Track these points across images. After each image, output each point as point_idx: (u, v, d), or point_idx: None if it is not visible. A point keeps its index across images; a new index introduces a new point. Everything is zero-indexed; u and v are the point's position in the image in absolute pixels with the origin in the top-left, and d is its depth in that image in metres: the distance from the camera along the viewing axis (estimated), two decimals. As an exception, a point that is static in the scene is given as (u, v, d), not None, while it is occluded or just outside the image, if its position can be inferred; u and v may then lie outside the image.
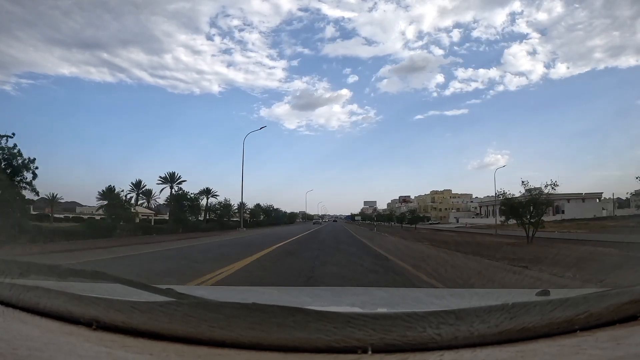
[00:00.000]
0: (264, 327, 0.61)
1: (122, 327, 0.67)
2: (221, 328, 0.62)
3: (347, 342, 0.59)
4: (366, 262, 8.68)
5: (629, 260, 9.71)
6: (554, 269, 7.03)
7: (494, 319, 0.62)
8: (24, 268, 0.89)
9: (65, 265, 0.98)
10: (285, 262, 8.89)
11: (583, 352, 0.57)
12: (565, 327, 0.63)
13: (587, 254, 10.62)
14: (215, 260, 8.57)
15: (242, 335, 0.61)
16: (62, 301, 0.75)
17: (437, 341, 0.60)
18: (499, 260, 8.76)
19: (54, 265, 0.92)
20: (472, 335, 0.60)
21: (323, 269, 7.36)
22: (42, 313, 0.75)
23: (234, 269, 7.00)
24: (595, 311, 0.64)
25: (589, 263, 8.68)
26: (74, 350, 0.62)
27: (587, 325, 0.63)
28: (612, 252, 11.39)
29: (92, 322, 0.70)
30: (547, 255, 10.37)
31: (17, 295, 0.79)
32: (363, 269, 7.52)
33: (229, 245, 14.60)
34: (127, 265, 8.41)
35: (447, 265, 7.63)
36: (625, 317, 0.65)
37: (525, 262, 8.12)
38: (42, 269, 0.92)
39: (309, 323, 0.61)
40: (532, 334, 0.62)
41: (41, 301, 0.76)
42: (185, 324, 0.64)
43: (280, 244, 14.41)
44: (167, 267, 8.03)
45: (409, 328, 0.60)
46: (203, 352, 0.61)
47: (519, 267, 7.16)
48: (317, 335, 0.60)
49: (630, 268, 8.03)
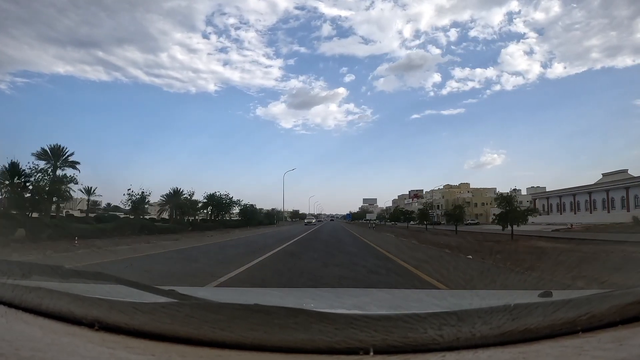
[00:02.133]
0: (266, 328, 0.61)
1: (125, 328, 0.67)
2: (223, 329, 0.62)
3: (349, 343, 0.59)
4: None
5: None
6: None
7: (496, 320, 0.62)
8: (27, 269, 0.90)
9: (68, 266, 0.98)
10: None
11: (585, 353, 0.57)
12: (567, 328, 0.63)
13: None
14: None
15: (244, 337, 0.61)
16: (64, 302, 0.75)
17: (439, 342, 0.60)
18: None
19: (56, 266, 0.92)
20: (474, 336, 0.60)
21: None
22: (45, 314, 0.76)
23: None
24: (598, 312, 0.64)
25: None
26: (77, 351, 0.62)
27: (590, 326, 0.63)
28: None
29: (94, 323, 0.70)
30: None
31: (19, 296, 0.80)
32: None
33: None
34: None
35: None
36: (628, 318, 0.64)
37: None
38: (45, 270, 0.92)
39: (310, 324, 0.61)
40: (534, 335, 0.61)
41: (44, 302, 0.77)
42: (187, 325, 0.64)
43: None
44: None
45: (411, 329, 0.60)
46: (205, 353, 0.61)
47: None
48: (318, 337, 0.60)
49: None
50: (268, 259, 9.26)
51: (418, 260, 8.73)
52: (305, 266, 8.02)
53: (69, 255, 9.92)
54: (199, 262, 8.98)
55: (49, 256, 9.70)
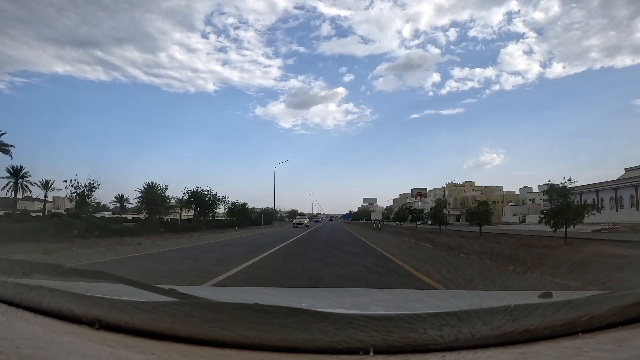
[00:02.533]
0: (266, 327, 0.61)
1: (125, 327, 0.67)
2: (223, 328, 0.62)
3: (349, 343, 0.59)
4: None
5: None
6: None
7: (496, 320, 0.62)
8: (27, 267, 0.90)
9: (68, 265, 0.98)
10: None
11: (585, 354, 0.57)
12: (567, 329, 0.63)
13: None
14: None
15: (244, 336, 0.61)
16: (65, 301, 0.75)
17: (439, 342, 0.60)
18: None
19: (56, 264, 0.92)
20: (473, 337, 0.60)
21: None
22: (45, 312, 0.76)
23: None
24: (598, 313, 0.64)
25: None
26: (77, 349, 0.62)
27: (590, 327, 0.63)
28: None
29: (94, 322, 0.70)
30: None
31: (20, 294, 0.80)
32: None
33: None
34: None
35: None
36: (628, 319, 0.64)
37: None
38: (45, 269, 0.92)
39: (311, 324, 0.61)
40: (534, 336, 0.61)
41: (44, 300, 0.77)
42: (187, 324, 0.64)
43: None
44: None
45: (411, 329, 0.60)
46: (205, 352, 0.61)
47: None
48: (319, 336, 0.60)
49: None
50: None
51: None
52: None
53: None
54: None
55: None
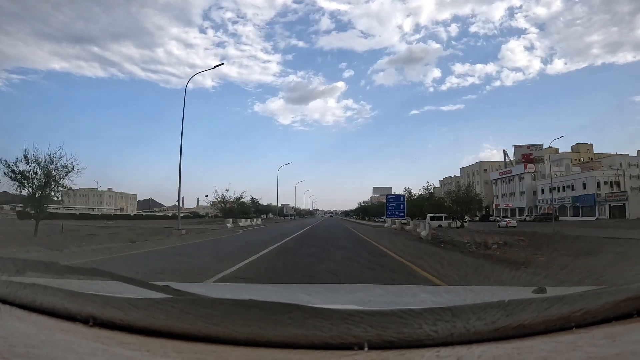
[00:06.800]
0: (260, 323, 0.61)
1: (119, 324, 0.67)
2: (217, 324, 0.62)
3: (344, 339, 0.59)
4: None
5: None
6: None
7: (490, 316, 0.62)
8: (21, 265, 0.89)
9: (62, 263, 0.98)
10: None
11: (579, 349, 0.57)
12: (561, 324, 0.63)
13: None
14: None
15: (238, 332, 0.61)
16: (59, 298, 0.75)
17: (434, 338, 0.60)
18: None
19: (50, 262, 0.92)
20: (468, 332, 0.60)
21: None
22: (39, 310, 0.75)
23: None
24: (592, 308, 0.64)
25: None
26: (71, 347, 0.62)
27: (584, 322, 0.63)
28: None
29: (89, 319, 0.70)
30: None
31: (13, 292, 0.79)
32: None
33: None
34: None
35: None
36: (621, 314, 0.65)
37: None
38: (39, 266, 0.92)
39: (305, 320, 0.61)
40: (528, 331, 0.62)
41: (38, 298, 0.76)
42: (181, 321, 0.64)
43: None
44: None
45: (405, 325, 0.61)
46: (200, 348, 0.61)
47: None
48: (313, 332, 0.60)
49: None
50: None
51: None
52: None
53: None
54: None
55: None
